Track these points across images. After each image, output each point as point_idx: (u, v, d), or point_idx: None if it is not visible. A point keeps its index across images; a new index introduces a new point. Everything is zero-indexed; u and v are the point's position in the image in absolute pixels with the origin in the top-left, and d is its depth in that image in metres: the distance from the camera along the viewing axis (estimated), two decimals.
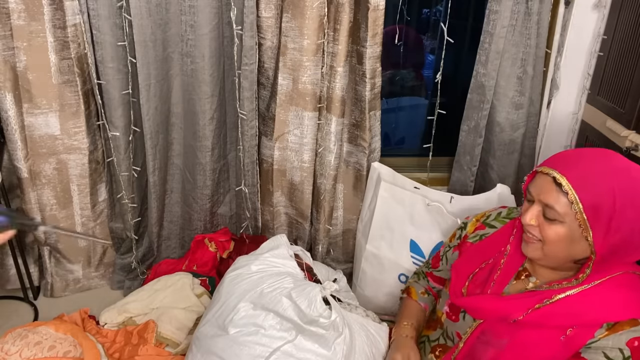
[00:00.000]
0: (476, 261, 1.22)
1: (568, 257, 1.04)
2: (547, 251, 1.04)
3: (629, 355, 0.95)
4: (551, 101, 1.94)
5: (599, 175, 0.97)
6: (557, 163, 1.03)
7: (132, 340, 1.57)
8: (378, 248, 1.74)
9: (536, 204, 1.04)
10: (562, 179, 0.98)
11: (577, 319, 1.01)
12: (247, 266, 1.41)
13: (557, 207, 0.99)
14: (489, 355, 1.10)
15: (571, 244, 1.01)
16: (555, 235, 1.01)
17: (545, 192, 1.01)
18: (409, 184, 1.83)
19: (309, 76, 1.71)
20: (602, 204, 0.95)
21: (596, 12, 1.81)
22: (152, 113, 1.69)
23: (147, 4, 1.57)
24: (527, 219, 1.05)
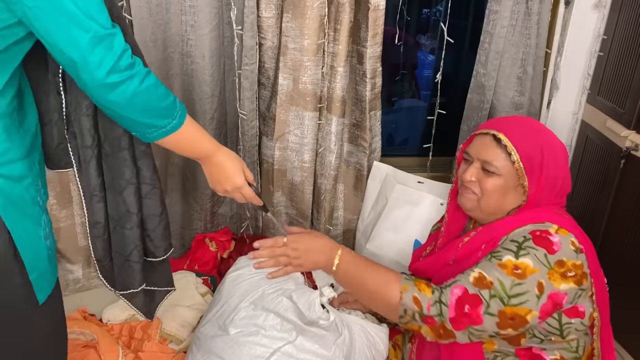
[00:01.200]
0: (429, 242, 1.41)
1: (500, 207, 1.18)
2: (483, 202, 1.19)
3: (529, 237, 1.07)
4: (551, 101, 1.94)
5: (529, 133, 1.17)
6: (493, 126, 1.19)
7: (135, 335, 1.57)
8: (380, 248, 1.74)
9: (475, 162, 1.19)
10: (501, 135, 1.14)
11: (493, 233, 1.15)
12: (248, 267, 1.41)
13: (495, 162, 1.15)
14: None
15: (505, 194, 1.17)
16: (493, 186, 1.16)
17: (485, 149, 1.17)
18: (412, 180, 1.84)
19: (309, 76, 1.71)
20: (534, 155, 1.13)
21: (596, 12, 1.81)
22: None
23: (148, 4, 1.56)
24: (468, 177, 1.19)
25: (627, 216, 1.63)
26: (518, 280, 1.03)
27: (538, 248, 1.05)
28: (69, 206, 1.77)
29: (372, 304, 1.18)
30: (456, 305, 1.05)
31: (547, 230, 1.08)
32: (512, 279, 1.03)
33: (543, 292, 1.02)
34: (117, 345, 1.51)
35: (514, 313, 1.02)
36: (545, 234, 1.07)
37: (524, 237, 1.08)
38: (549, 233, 1.07)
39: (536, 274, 1.03)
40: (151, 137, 1.02)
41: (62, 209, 1.75)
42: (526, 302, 1.02)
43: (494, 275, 1.05)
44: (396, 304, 1.08)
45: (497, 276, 1.04)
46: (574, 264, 1.04)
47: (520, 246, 1.06)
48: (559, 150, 1.18)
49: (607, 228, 1.71)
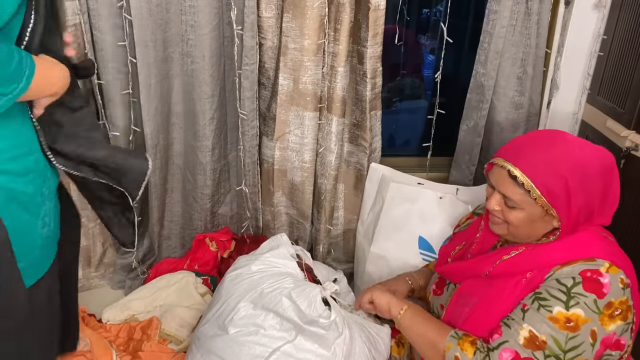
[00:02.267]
0: (459, 241, 1.35)
1: (532, 233, 1.13)
2: (512, 230, 1.14)
3: (579, 281, 1.02)
4: (551, 101, 1.94)
5: (549, 162, 1.06)
6: (510, 153, 1.12)
7: (135, 335, 1.57)
8: (384, 250, 1.74)
9: (497, 191, 1.13)
10: (516, 171, 1.07)
11: (537, 262, 1.09)
12: (248, 266, 1.41)
13: (514, 197, 1.09)
14: (465, 315, 1.16)
15: (532, 224, 1.11)
16: (516, 219, 1.11)
17: (502, 184, 1.11)
18: (411, 181, 1.84)
19: (309, 76, 1.71)
20: (557, 188, 1.05)
21: (596, 12, 1.81)
22: (153, 113, 1.69)
23: (148, 4, 1.56)
24: (492, 206, 1.14)
25: (627, 216, 1.63)
26: (572, 334, 1.00)
27: (587, 294, 1.00)
28: None
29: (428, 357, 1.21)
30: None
31: (597, 270, 1.02)
32: (566, 334, 1.00)
33: (596, 339, 1.00)
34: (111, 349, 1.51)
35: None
36: (595, 274, 1.02)
37: (572, 280, 1.02)
38: (599, 274, 1.02)
39: (589, 323, 1.00)
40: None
41: None
42: (582, 353, 1.00)
43: (546, 332, 1.01)
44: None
45: (549, 332, 1.01)
46: (620, 301, 1.02)
47: (569, 294, 1.02)
48: (592, 171, 1.07)
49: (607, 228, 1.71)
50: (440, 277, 1.33)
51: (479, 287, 1.16)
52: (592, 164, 1.07)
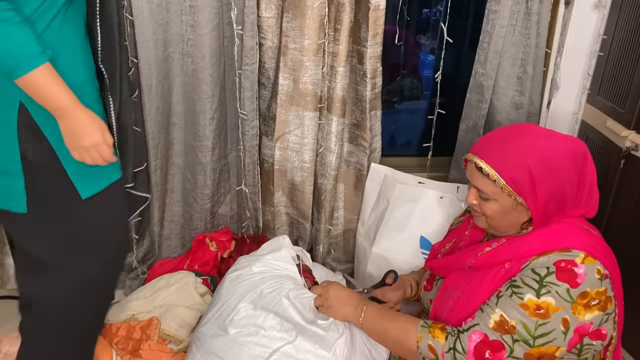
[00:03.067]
0: (449, 239, 1.39)
1: (509, 224, 1.16)
2: (490, 222, 1.18)
3: (553, 270, 1.04)
4: (551, 101, 1.94)
5: (513, 153, 1.11)
6: (479, 149, 1.17)
7: (134, 335, 1.57)
8: (386, 250, 1.74)
9: (472, 185, 1.18)
10: (482, 163, 1.12)
11: (513, 254, 1.12)
12: (249, 267, 1.40)
13: (484, 189, 1.13)
14: (449, 307, 1.18)
15: (506, 214, 1.14)
16: (490, 210, 1.15)
17: (474, 178, 1.16)
18: (411, 181, 1.84)
19: (309, 76, 1.71)
20: (521, 177, 1.09)
21: (596, 12, 1.81)
22: (154, 113, 1.69)
23: (149, 3, 1.56)
24: (469, 199, 1.19)
25: (627, 216, 1.63)
26: (542, 321, 1.02)
27: (560, 284, 1.02)
28: None
29: (397, 353, 1.26)
30: (475, 352, 1.05)
31: (572, 260, 1.04)
32: (536, 320, 1.02)
33: (569, 327, 1.02)
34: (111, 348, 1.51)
35: (540, 353, 1.02)
36: (570, 264, 1.04)
37: (547, 270, 1.05)
38: (574, 264, 1.04)
39: (560, 311, 1.02)
40: None
41: None
42: (553, 340, 1.02)
43: (516, 318, 1.03)
44: (416, 352, 1.13)
45: (519, 318, 1.03)
46: (597, 291, 1.03)
47: (541, 282, 1.04)
48: (559, 160, 1.10)
49: (607, 228, 1.71)
50: (431, 274, 1.36)
51: (462, 280, 1.19)
52: (559, 152, 1.11)
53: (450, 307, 1.18)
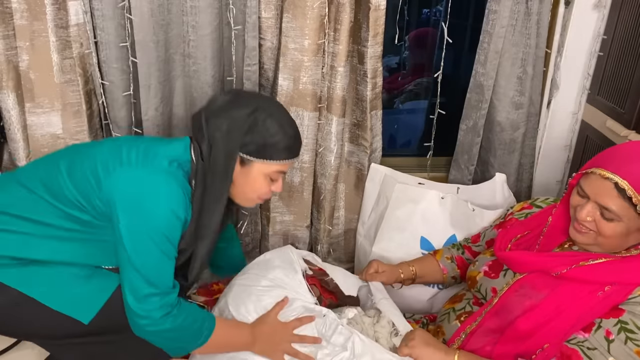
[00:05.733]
0: (520, 229, 1.33)
1: (622, 245, 1.11)
2: (601, 241, 1.11)
3: None
4: (551, 101, 1.94)
5: None
6: (611, 163, 1.08)
7: None
8: (386, 250, 1.74)
9: (592, 202, 1.10)
10: (625, 184, 1.04)
11: (618, 277, 1.07)
12: (257, 279, 1.34)
13: (616, 210, 1.06)
14: (525, 306, 1.15)
15: (627, 236, 1.09)
16: (612, 231, 1.08)
17: (604, 196, 1.07)
18: (411, 181, 1.84)
19: (309, 76, 1.71)
20: None
21: (596, 12, 1.81)
22: (152, 114, 1.68)
23: (149, 4, 1.56)
24: (584, 216, 1.11)
25: None
26: None
27: None
28: None
29: None
30: None
31: None
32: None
33: None
34: None
35: None
36: None
37: None
38: None
39: None
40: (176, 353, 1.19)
41: None
42: None
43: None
44: None
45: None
46: None
47: None
48: None
49: None
50: (495, 261, 1.31)
51: (546, 285, 1.14)
52: None
53: (528, 308, 1.14)
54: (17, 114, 1.59)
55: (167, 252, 1.13)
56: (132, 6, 1.54)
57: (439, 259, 1.55)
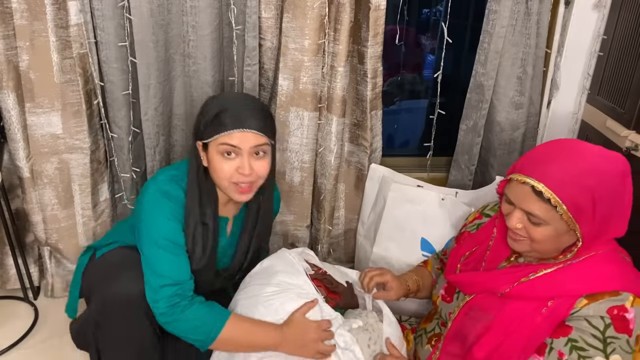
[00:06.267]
0: (469, 246, 1.31)
1: (556, 249, 1.10)
2: (535, 247, 1.09)
3: (609, 322, 1.00)
4: (551, 101, 1.94)
5: (575, 176, 1.02)
6: (529, 168, 1.06)
7: None
8: (386, 250, 1.74)
9: (518, 208, 1.08)
10: (541, 186, 1.02)
11: (558, 290, 1.06)
12: (262, 288, 1.31)
13: (539, 214, 1.04)
14: (477, 330, 1.14)
15: (558, 238, 1.07)
16: (542, 235, 1.06)
17: (525, 201, 1.06)
18: (410, 183, 1.84)
19: (309, 76, 1.71)
20: (583, 201, 1.01)
21: (596, 12, 1.81)
22: (152, 114, 1.68)
23: (149, 4, 1.56)
24: (513, 224, 1.09)
25: None
26: None
27: (620, 336, 0.99)
28: (70, 206, 1.77)
29: None
30: None
31: (623, 305, 1.00)
32: None
33: None
34: None
35: None
36: (622, 311, 1.00)
37: (603, 322, 1.00)
38: (625, 309, 1.00)
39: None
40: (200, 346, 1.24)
41: (64, 208, 1.76)
42: None
43: None
44: None
45: None
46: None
47: (604, 340, 0.99)
48: (614, 180, 1.03)
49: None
50: (449, 283, 1.30)
51: (493, 305, 1.13)
52: (614, 172, 1.03)
53: (480, 332, 1.14)
54: (17, 114, 1.59)
55: (171, 250, 1.25)
56: (132, 6, 1.54)
57: (430, 269, 1.51)
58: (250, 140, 1.22)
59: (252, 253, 1.46)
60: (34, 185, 1.70)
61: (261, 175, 1.28)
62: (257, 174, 1.25)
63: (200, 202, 1.30)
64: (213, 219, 1.32)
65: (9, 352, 1.67)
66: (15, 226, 1.81)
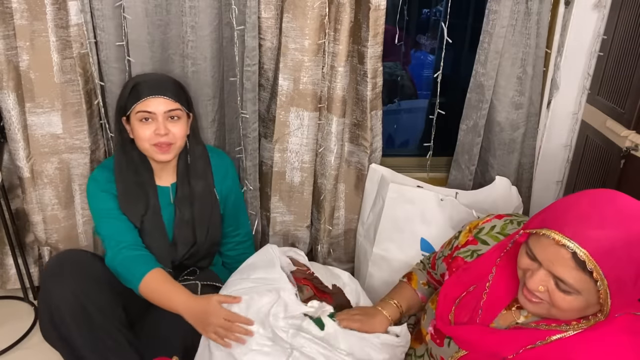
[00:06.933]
0: (464, 283, 1.15)
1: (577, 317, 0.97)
2: (555, 313, 0.96)
3: None
4: (551, 101, 1.94)
5: (624, 247, 0.86)
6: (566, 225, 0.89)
7: None
8: (386, 250, 1.74)
9: (544, 269, 0.93)
10: (584, 255, 0.86)
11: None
12: (240, 282, 1.35)
13: (574, 284, 0.89)
14: None
15: (586, 309, 0.94)
16: (569, 305, 0.92)
17: (560, 266, 0.90)
18: (410, 183, 1.84)
19: (310, 76, 1.71)
20: (627, 276, 0.87)
21: (596, 12, 1.81)
22: None
23: (144, 3, 1.56)
24: (535, 286, 0.94)
25: None
26: None
27: None
28: (71, 206, 1.77)
29: None
30: None
31: None
32: None
33: None
34: None
35: None
36: None
37: None
38: None
39: None
40: None
41: (64, 208, 1.76)
42: None
43: None
44: None
45: None
46: None
47: None
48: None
49: None
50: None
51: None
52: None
53: None
54: (17, 114, 1.59)
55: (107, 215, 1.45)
56: (126, 5, 1.54)
57: (415, 287, 1.39)
58: (162, 105, 1.40)
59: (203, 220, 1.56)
60: (34, 185, 1.70)
61: (178, 136, 1.43)
62: (173, 134, 1.41)
63: (132, 166, 1.47)
64: (148, 181, 1.50)
65: (9, 352, 1.67)
66: (15, 226, 1.81)
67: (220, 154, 1.66)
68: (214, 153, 1.61)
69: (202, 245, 1.57)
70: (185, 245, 1.55)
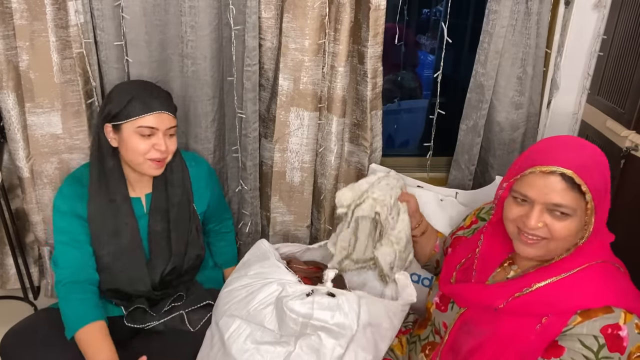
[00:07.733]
0: (463, 253, 1.28)
1: (566, 247, 1.07)
2: (553, 246, 1.05)
3: (603, 342, 0.98)
4: (551, 101, 1.94)
5: (594, 162, 1.02)
6: (547, 158, 1.02)
7: None
8: None
9: (537, 205, 1.03)
10: (570, 172, 0.98)
11: (552, 307, 1.04)
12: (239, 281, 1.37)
13: (569, 204, 1.00)
14: (470, 346, 1.13)
15: (577, 234, 1.04)
16: (567, 230, 1.02)
17: (554, 192, 1.00)
18: (410, 183, 1.84)
19: (310, 76, 1.71)
20: (600, 186, 1.01)
21: (596, 12, 1.81)
22: None
23: (142, 3, 1.56)
24: (534, 223, 1.03)
25: (627, 216, 1.63)
26: None
27: (612, 355, 0.97)
28: None
29: None
30: None
31: (617, 324, 0.98)
32: None
33: None
34: None
35: None
36: (615, 329, 0.98)
37: (597, 342, 0.98)
38: (618, 327, 0.98)
39: None
40: None
41: None
42: None
43: None
44: None
45: None
46: (637, 346, 0.99)
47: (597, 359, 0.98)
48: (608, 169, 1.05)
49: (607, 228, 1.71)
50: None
51: (487, 320, 1.12)
52: (606, 161, 1.05)
53: (473, 347, 1.12)
54: (17, 114, 1.59)
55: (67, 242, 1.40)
56: (124, 5, 1.54)
57: (440, 236, 1.53)
58: (167, 121, 1.39)
59: (178, 230, 1.50)
60: (34, 185, 1.70)
61: (172, 151, 1.43)
62: (169, 150, 1.41)
63: (105, 179, 1.41)
64: (123, 196, 1.44)
65: None
66: (15, 226, 1.81)
67: (196, 159, 1.60)
68: (190, 161, 1.56)
69: (180, 258, 1.50)
70: (163, 260, 1.48)
